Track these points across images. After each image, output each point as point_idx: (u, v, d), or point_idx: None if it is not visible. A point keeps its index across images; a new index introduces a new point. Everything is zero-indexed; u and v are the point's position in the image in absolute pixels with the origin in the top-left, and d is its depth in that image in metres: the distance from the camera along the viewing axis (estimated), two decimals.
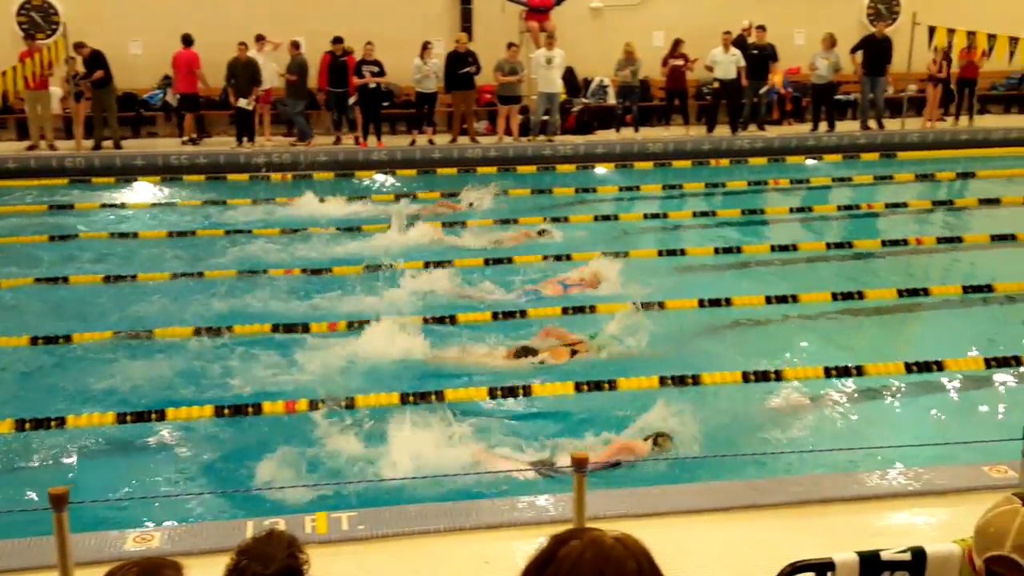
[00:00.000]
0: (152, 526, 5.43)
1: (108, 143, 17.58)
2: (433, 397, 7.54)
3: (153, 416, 7.23)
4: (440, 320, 9.42)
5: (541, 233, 12.70)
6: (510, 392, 7.70)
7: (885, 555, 2.71)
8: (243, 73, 17.46)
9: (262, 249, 12.20)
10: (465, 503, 5.54)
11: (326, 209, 14.18)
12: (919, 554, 2.56)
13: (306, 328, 9.16)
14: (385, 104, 18.63)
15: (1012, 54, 17.15)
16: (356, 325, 9.07)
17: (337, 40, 17.75)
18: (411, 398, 7.50)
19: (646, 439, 6.73)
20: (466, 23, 19.42)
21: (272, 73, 18.12)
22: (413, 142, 18.13)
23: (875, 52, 18.54)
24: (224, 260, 11.75)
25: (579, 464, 4.19)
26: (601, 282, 10.50)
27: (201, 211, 14.53)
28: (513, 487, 6.05)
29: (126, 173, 16.61)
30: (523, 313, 9.67)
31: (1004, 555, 2.12)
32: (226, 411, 7.29)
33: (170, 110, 19.06)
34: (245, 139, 17.76)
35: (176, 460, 6.84)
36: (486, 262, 11.43)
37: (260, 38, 17.88)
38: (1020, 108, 20.85)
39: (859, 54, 18.64)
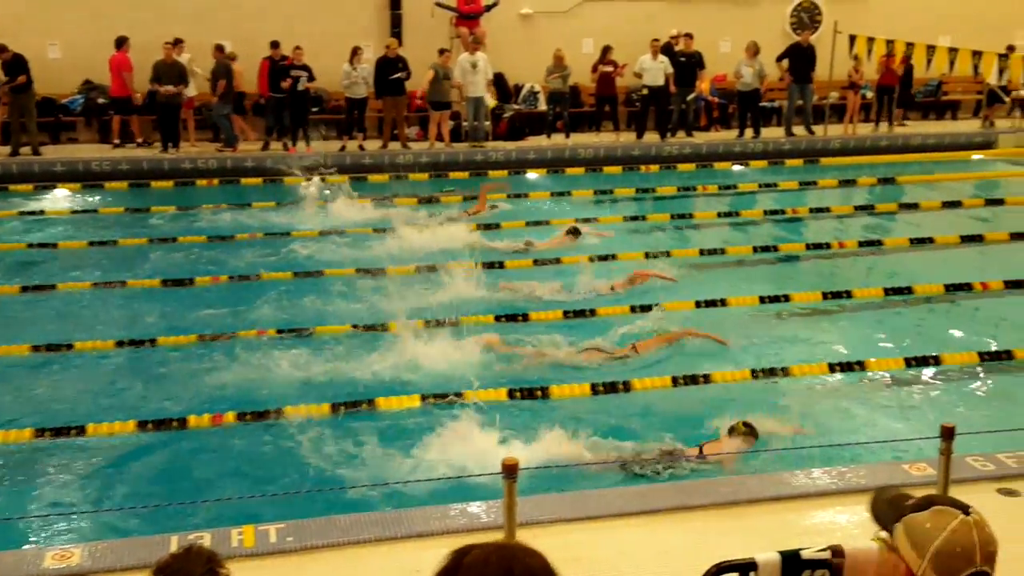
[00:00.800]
0: (73, 543, 5.29)
1: (26, 149, 17.15)
2: (365, 405, 7.49)
3: (73, 431, 7.05)
4: (372, 328, 9.35)
5: (574, 233, 12.62)
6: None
7: (806, 554, 2.75)
8: (169, 73, 17.18)
9: (186, 258, 12.02)
10: (396, 512, 5.50)
11: (249, 217, 14.04)
12: (838, 551, 2.62)
13: (234, 335, 9.02)
14: (314, 109, 18.49)
15: (929, 62, 17.62)
16: (304, 332, 8.99)
17: (275, 45, 17.56)
18: (342, 408, 7.44)
19: (729, 432, 6.72)
20: (395, 28, 19.36)
21: (197, 77, 17.87)
22: (343, 148, 18.01)
23: (801, 60, 18.93)
24: (147, 269, 11.54)
25: (509, 471, 4.18)
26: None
27: (123, 219, 14.25)
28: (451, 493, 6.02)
29: (45, 180, 16.22)
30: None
31: (978, 571, 2.13)
32: (149, 426, 7.15)
33: (92, 115, 18.67)
34: (170, 145, 17.47)
35: (98, 475, 6.66)
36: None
37: (178, 41, 17.61)
38: (938, 114, 21.39)
39: (785, 62, 18.99)
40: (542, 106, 19.64)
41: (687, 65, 18.80)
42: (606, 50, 18.55)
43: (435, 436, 6.95)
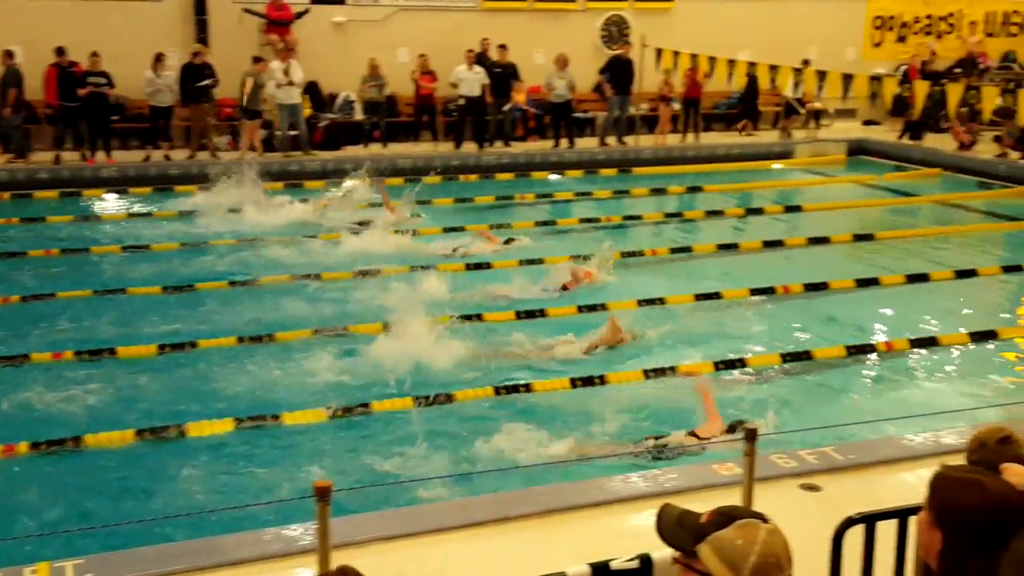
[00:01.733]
0: None
1: None
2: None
3: None
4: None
5: (508, 242, 13.14)
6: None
7: (615, 564, 2.76)
8: None
9: None
10: (207, 540, 5.27)
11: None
12: (646, 560, 2.65)
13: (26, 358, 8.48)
14: (115, 118, 17.65)
15: (730, 75, 18.42)
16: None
17: (60, 51, 16.62)
18: (146, 435, 7.09)
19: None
20: (201, 34, 18.72)
21: None
22: (147, 158, 17.27)
23: (621, 72, 19.43)
24: None
25: (321, 493, 4.05)
26: None
27: None
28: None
29: None
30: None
31: None
32: None
33: None
34: None
35: None
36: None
37: None
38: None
39: (606, 74, 19.51)
40: (358, 115, 19.43)
41: (503, 76, 19.01)
42: (423, 59, 18.58)
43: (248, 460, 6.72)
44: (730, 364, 8.85)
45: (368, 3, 19.92)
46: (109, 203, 15.72)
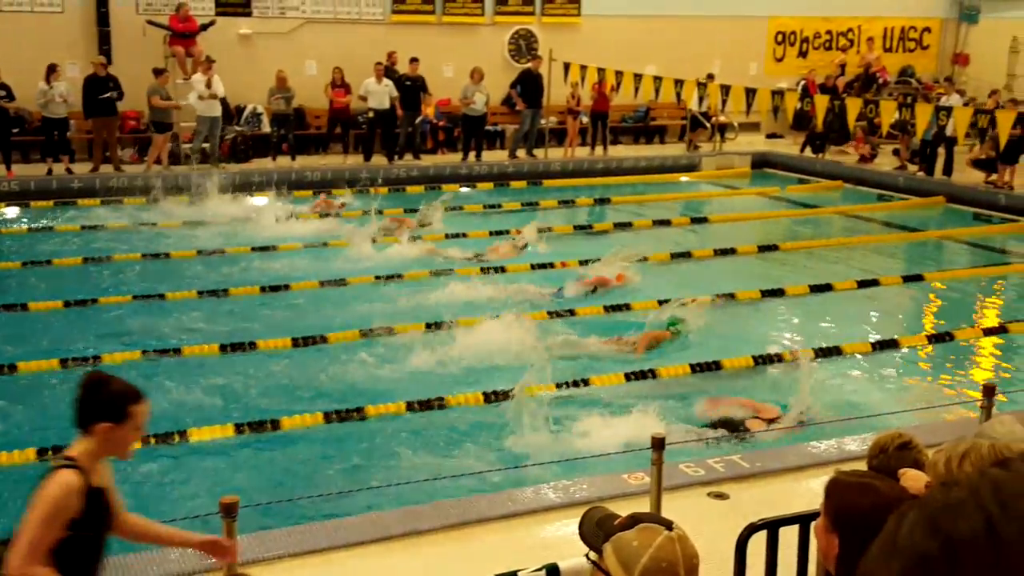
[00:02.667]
0: None
1: None
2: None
3: None
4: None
5: (524, 247, 13.54)
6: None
7: (522, 575, 2.77)
8: None
9: None
10: (113, 559, 5.12)
11: None
12: (553, 570, 2.66)
13: None
14: (15, 131, 17.13)
15: (637, 89, 18.69)
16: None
17: None
18: (49, 453, 6.87)
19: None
20: (104, 46, 18.29)
21: None
22: (50, 171, 16.79)
23: (532, 86, 19.58)
24: None
25: (228, 509, 3.98)
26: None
27: None
28: None
29: None
30: None
31: None
32: None
33: None
34: None
35: None
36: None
37: None
38: (647, 139, 22.73)
39: (517, 88, 19.64)
40: (266, 128, 19.20)
41: (412, 89, 18.99)
42: (336, 71, 18.47)
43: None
44: (640, 375, 8.95)
45: (275, 15, 19.73)
46: (9, 216, 15.26)
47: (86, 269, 12.34)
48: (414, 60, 19.07)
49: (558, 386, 8.55)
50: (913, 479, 3.42)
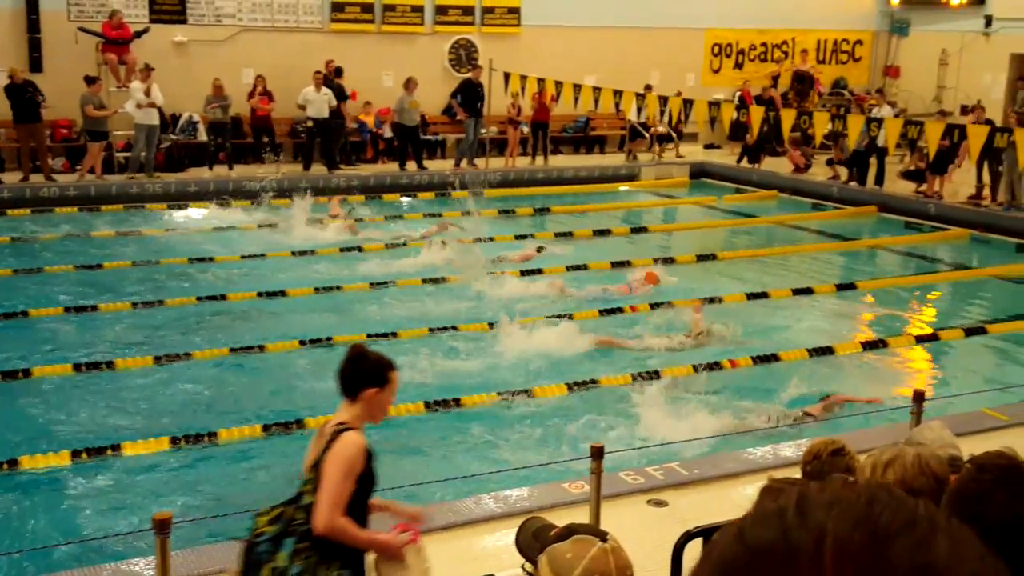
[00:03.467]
0: None
1: None
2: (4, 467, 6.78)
3: None
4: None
5: (539, 250, 14.06)
6: None
7: None
8: None
9: None
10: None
11: None
12: None
13: None
14: None
15: (577, 100, 18.80)
16: None
17: None
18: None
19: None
20: (34, 53, 17.93)
21: None
22: None
23: (472, 95, 19.61)
24: None
25: (161, 526, 3.91)
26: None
27: None
28: None
29: None
30: None
31: None
32: None
33: None
34: None
35: None
36: None
37: None
38: (587, 149, 22.87)
39: (458, 97, 19.65)
40: (202, 136, 18.96)
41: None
42: (258, 79, 18.28)
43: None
44: (582, 384, 8.97)
45: (211, 23, 19.50)
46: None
47: (16, 280, 12.06)
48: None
49: (500, 395, 8.56)
50: None
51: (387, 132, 20.11)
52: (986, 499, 2.12)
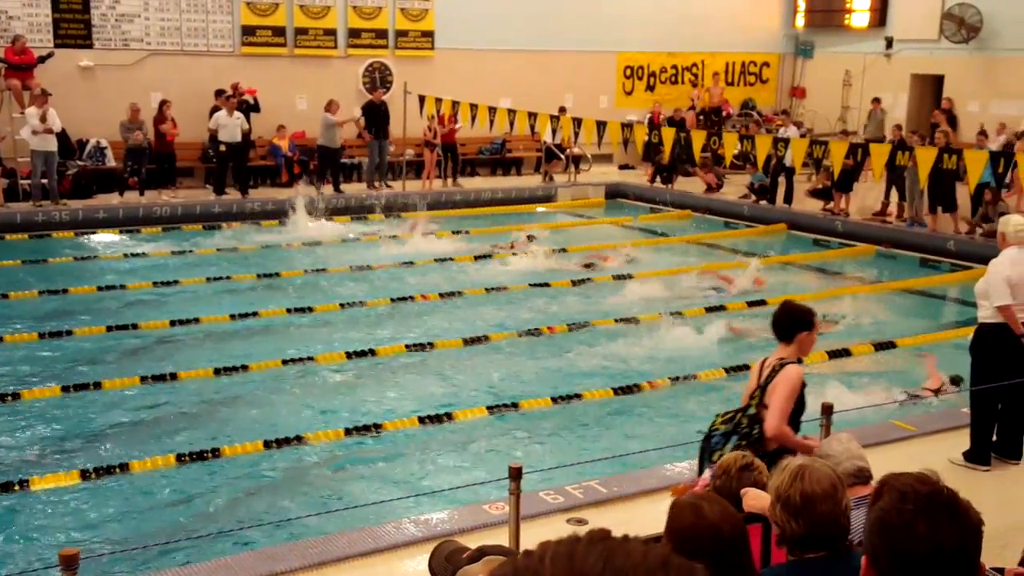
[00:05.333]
0: None
1: None
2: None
3: None
4: None
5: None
6: None
7: None
8: None
9: None
10: None
11: None
12: None
13: None
14: None
15: (492, 122, 18.89)
16: None
17: None
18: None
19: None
20: None
21: None
22: None
23: (376, 117, 19.60)
24: None
25: (68, 562, 3.79)
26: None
27: None
28: None
29: None
30: None
31: None
32: None
33: None
34: None
35: None
36: None
37: None
38: (504, 170, 22.99)
39: (363, 120, 19.62)
40: (111, 162, 18.56)
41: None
42: (163, 104, 18.00)
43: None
44: (503, 407, 8.98)
45: (118, 47, 19.15)
46: None
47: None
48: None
49: (421, 421, 8.53)
50: (754, 498, 3.54)
51: (299, 156, 19.95)
52: (910, 530, 2.14)
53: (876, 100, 22.16)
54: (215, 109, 18.53)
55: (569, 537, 1.00)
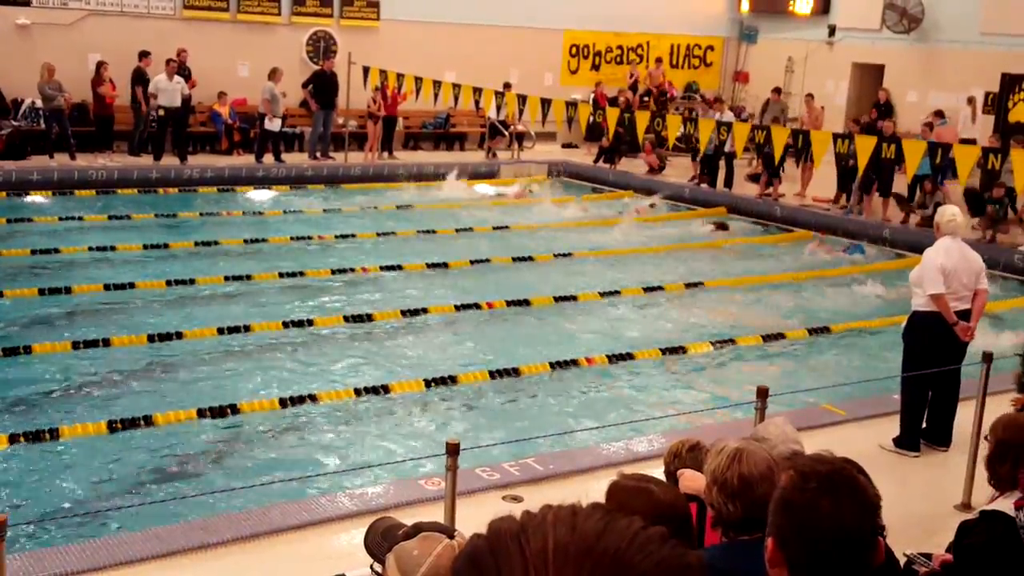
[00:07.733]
0: None
1: None
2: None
3: None
4: None
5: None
6: None
7: None
8: None
9: None
10: None
11: None
12: None
13: None
14: None
15: (436, 96, 18.77)
16: None
17: None
18: None
19: None
20: None
21: None
22: None
23: (324, 87, 19.35)
24: None
25: None
26: None
27: None
28: None
29: None
30: None
31: None
32: None
33: None
34: None
35: None
36: None
37: None
38: (448, 145, 22.88)
39: (310, 88, 19.38)
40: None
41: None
42: (100, 66, 17.59)
43: None
44: (441, 381, 8.98)
45: (56, 6, 18.65)
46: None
47: None
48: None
49: (356, 392, 8.51)
50: (690, 479, 3.60)
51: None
52: (813, 509, 2.19)
53: (776, 91, 21.60)
54: (138, 72, 18.11)
55: (569, 504, 1.07)
